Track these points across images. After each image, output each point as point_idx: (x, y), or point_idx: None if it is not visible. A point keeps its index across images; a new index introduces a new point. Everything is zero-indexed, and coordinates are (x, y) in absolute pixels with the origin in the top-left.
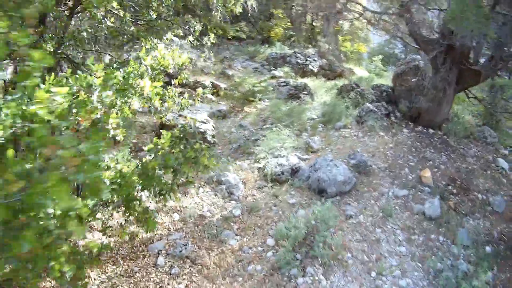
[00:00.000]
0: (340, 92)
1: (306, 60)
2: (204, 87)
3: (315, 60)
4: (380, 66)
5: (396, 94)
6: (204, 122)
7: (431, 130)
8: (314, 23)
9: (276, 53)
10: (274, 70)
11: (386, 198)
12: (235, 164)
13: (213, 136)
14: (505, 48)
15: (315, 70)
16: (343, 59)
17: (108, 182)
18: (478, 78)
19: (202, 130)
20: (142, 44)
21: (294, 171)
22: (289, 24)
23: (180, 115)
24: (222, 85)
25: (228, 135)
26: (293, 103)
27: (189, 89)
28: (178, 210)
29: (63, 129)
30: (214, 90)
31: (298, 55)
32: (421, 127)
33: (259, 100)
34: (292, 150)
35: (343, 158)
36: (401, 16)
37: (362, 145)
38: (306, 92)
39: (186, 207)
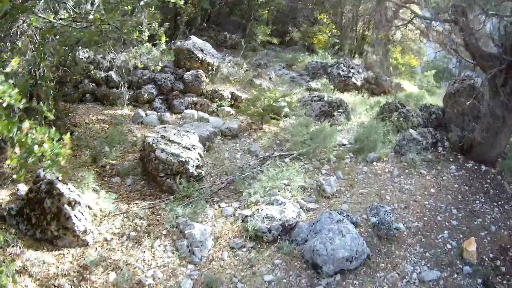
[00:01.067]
0: (381, 112)
1: (349, 71)
2: (221, 98)
3: (359, 72)
4: (433, 82)
5: (447, 118)
6: (188, 149)
7: (483, 167)
8: (363, 31)
9: (316, 62)
10: (311, 81)
11: (406, 284)
12: (218, 206)
13: (198, 167)
14: None
15: (359, 83)
16: (392, 73)
17: None
18: None
19: (183, 159)
20: None
21: (288, 228)
22: (334, 30)
23: (163, 136)
24: (244, 96)
25: (228, 162)
26: (324, 123)
27: (205, 99)
28: (117, 268)
29: None
30: (232, 103)
31: (341, 65)
32: (472, 162)
33: (285, 116)
34: (298, 193)
35: (362, 213)
36: (456, 24)
37: (395, 190)
38: (341, 110)
39: (129, 264)
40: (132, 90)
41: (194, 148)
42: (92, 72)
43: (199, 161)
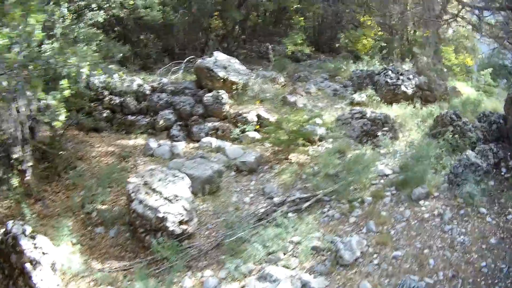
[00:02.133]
0: (434, 126)
1: (398, 78)
2: (245, 121)
3: (409, 79)
4: (490, 81)
5: (509, 127)
6: (169, 201)
7: None
8: (412, 31)
9: (361, 70)
10: (354, 93)
11: None
12: (200, 275)
13: (183, 222)
14: None
15: (409, 91)
16: (446, 75)
17: None
18: None
19: (161, 216)
20: None
21: None
22: (380, 33)
23: (145, 183)
24: (274, 118)
25: (233, 210)
26: (364, 146)
27: (227, 124)
28: None
29: None
30: (258, 127)
31: (389, 72)
32: None
33: (320, 140)
34: (308, 258)
35: None
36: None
37: (443, 246)
38: (387, 128)
39: None
40: (149, 116)
41: (177, 200)
42: (107, 98)
43: (182, 215)
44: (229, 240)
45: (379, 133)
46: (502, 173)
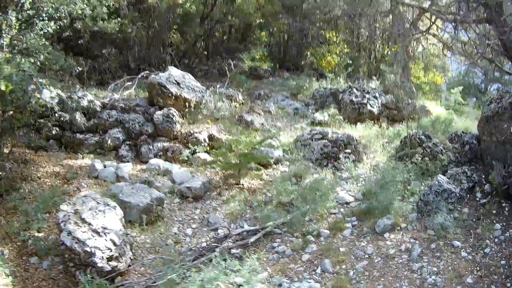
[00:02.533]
0: (402, 148)
1: (364, 97)
2: (196, 142)
3: (375, 97)
4: (460, 100)
5: (484, 148)
6: (97, 233)
7: None
8: (380, 48)
9: (325, 88)
10: (316, 112)
11: None
12: None
13: (112, 258)
14: None
15: (375, 110)
16: (415, 94)
17: None
18: None
19: (89, 250)
20: None
21: None
22: (346, 50)
23: (76, 212)
24: (226, 139)
25: (173, 244)
26: (324, 170)
27: (178, 144)
28: None
29: None
30: (209, 148)
31: (354, 90)
32: None
33: (275, 163)
34: None
35: None
36: (490, 23)
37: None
38: (349, 150)
39: None
40: (98, 135)
41: (106, 233)
42: (56, 115)
43: (111, 251)
44: (162, 281)
45: (341, 156)
46: (477, 199)
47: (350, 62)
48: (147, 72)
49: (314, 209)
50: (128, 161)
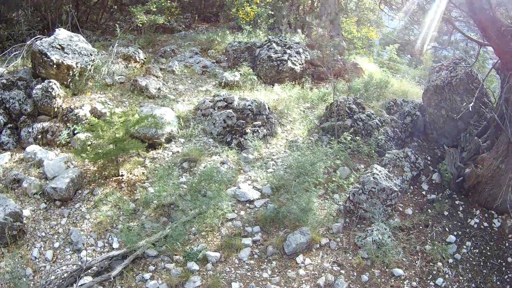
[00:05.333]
0: (327, 117)
1: (285, 52)
2: (77, 120)
3: (298, 53)
4: (395, 58)
5: (429, 121)
6: None
7: (496, 222)
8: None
9: (239, 42)
10: (229, 70)
11: None
12: None
13: None
14: None
15: (298, 68)
16: (345, 49)
17: None
18: None
19: None
20: None
21: None
22: (268, 0)
23: None
24: (113, 112)
25: (31, 275)
26: (226, 149)
27: (58, 124)
28: None
29: None
30: (89, 126)
31: (274, 45)
32: (479, 210)
33: (167, 141)
34: None
35: None
36: None
37: None
38: (260, 122)
39: None
40: None
41: None
42: None
43: None
44: None
45: (249, 130)
46: (424, 192)
47: (272, 13)
48: (39, 36)
49: (205, 213)
50: (9, 149)
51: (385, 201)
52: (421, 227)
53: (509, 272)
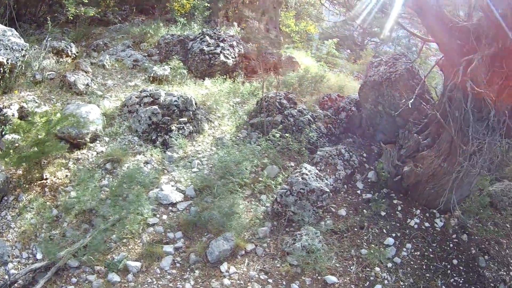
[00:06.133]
0: (257, 113)
1: (218, 45)
2: (5, 120)
3: (232, 46)
4: (334, 52)
5: (365, 117)
6: None
7: (438, 222)
8: None
9: (172, 35)
10: (162, 64)
11: None
12: None
13: None
14: None
15: (230, 62)
16: (282, 43)
17: None
18: None
19: None
20: None
21: None
22: None
23: None
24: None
25: None
26: (151, 148)
27: None
28: None
29: None
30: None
31: (207, 38)
32: (419, 212)
33: (91, 141)
34: None
35: None
36: None
37: None
38: (186, 119)
39: None
40: None
41: None
42: None
43: None
44: None
45: (174, 127)
46: (359, 192)
47: (208, 5)
48: None
49: (125, 219)
50: None
51: (316, 202)
52: (356, 229)
53: (454, 275)
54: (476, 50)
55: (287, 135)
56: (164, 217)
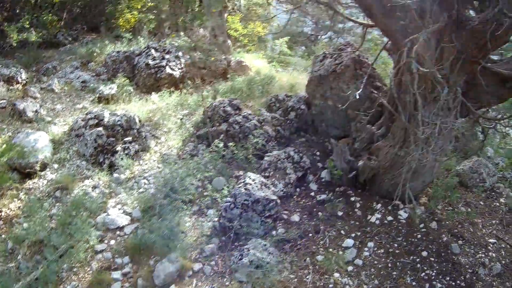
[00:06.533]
0: (203, 123)
1: (163, 58)
2: None
3: (178, 57)
4: (286, 51)
5: (316, 114)
6: None
7: (402, 213)
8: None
9: (118, 52)
10: (108, 83)
11: None
12: None
13: None
14: None
15: (177, 73)
16: (230, 48)
17: None
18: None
19: None
20: None
21: None
22: (150, 4)
23: None
24: None
25: None
26: (99, 172)
27: None
28: None
29: None
30: None
31: (152, 51)
32: (379, 206)
33: (41, 169)
34: None
35: None
36: None
37: None
38: (130, 138)
39: None
40: None
41: None
42: None
43: None
44: None
45: (119, 147)
46: (312, 194)
47: (153, 17)
48: None
49: (73, 248)
50: None
51: (263, 212)
52: (311, 235)
53: (425, 268)
54: (422, 28)
55: (230, 143)
56: (112, 242)
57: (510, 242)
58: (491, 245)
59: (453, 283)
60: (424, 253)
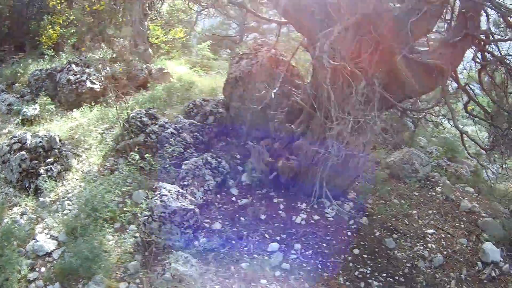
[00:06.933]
0: (122, 136)
1: (84, 72)
2: None
3: (98, 70)
4: (209, 55)
5: (235, 117)
6: None
7: (329, 211)
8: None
9: (40, 70)
10: (31, 103)
11: None
12: None
13: None
14: None
15: (98, 87)
16: (151, 55)
17: None
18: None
19: None
20: None
21: None
22: (72, 18)
23: None
24: None
25: None
26: (26, 197)
27: None
28: None
29: None
30: None
31: (73, 66)
32: (304, 206)
33: None
34: None
35: None
36: None
37: None
38: (52, 159)
39: None
40: None
41: None
42: None
43: None
44: None
45: (42, 170)
46: (233, 199)
47: (74, 31)
48: None
49: (7, 281)
50: None
51: (182, 224)
52: (234, 242)
53: (359, 266)
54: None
55: (146, 155)
56: (43, 269)
57: (450, 231)
58: (430, 236)
59: (391, 279)
60: (356, 251)
